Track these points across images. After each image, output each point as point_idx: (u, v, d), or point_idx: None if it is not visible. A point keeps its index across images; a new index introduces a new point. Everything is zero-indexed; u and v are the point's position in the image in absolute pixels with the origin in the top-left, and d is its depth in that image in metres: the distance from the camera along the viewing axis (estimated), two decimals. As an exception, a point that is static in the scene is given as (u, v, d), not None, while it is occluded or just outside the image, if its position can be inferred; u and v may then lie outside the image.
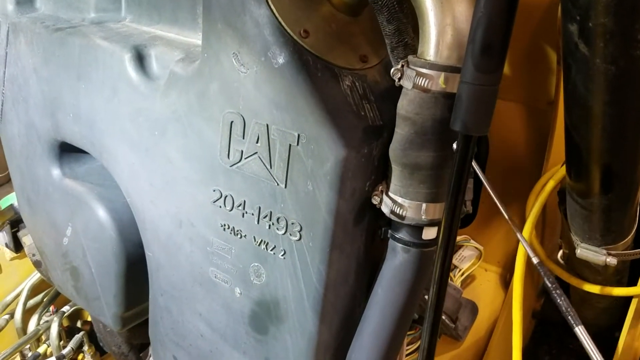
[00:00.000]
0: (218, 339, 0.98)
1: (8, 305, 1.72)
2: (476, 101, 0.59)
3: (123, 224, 1.10)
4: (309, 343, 0.85)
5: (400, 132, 0.72)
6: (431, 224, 0.76)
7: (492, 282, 1.70)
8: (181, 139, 0.90)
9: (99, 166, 1.13)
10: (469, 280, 1.69)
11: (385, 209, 0.78)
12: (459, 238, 1.67)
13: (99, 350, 1.74)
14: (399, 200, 0.76)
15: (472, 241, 1.69)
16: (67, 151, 1.18)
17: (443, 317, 1.36)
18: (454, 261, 1.64)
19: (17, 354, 1.67)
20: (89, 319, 1.82)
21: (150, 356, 1.39)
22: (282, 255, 0.84)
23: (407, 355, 1.12)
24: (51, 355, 1.61)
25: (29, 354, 1.63)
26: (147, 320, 1.21)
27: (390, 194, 0.77)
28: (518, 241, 1.16)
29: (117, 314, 1.20)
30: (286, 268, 0.84)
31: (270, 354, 0.91)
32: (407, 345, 1.12)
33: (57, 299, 1.77)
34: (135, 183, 1.02)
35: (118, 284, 1.15)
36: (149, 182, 0.99)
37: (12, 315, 1.69)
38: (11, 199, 1.54)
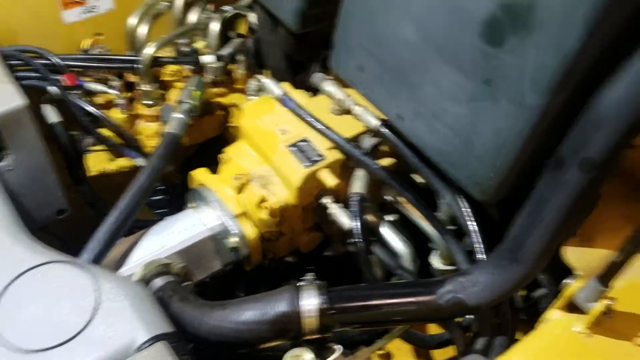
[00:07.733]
0: (429, 48, 0.83)
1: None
2: None
3: None
4: (563, 60, 0.68)
5: None
6: None
7: None
8: None
9: None
10: None
11: None
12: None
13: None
14: None
15: None
16: None
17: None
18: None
19: (172, 46, 1.62)
20: (243, 30, 1.73)
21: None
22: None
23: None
24: (205, 53, 1.55)
25: (184, 49, 1.58)
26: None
27: None
28: None
29: (298, 9, 1.08)
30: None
31: (496, 73, 0.76)
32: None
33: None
34: None
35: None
36: None
37: (171, 6, 1.61)
38: None
